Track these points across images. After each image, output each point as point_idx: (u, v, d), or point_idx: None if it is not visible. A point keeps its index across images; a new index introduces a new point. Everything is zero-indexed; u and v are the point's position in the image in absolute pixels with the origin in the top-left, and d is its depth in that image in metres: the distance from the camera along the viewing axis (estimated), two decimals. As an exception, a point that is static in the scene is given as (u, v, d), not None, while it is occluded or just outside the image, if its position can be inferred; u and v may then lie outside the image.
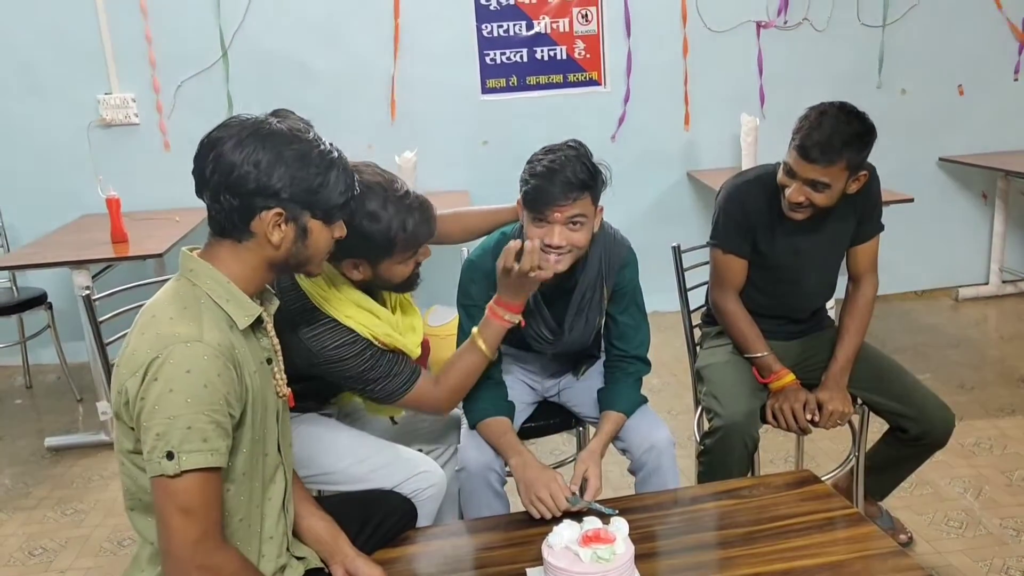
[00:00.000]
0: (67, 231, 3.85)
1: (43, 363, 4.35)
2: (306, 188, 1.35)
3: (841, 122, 2.00)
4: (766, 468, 2.41)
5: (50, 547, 2.81)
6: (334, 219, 1.43)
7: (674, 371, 3.73)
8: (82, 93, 4.15)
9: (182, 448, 1.24)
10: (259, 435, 1.41)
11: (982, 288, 4.78)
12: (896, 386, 2.25)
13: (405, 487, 1.88)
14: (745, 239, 2.24)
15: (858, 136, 2.01)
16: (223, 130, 1.34)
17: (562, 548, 1.46)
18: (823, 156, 1.99)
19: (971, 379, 3.65)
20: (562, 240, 1.81)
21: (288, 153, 1.33)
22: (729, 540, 1.63)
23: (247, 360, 1.36)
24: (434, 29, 4.27)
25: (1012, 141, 4.63)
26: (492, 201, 4.25)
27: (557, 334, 2.03)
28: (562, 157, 1.79)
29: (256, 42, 4.17)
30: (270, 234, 1.35)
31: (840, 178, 2.04)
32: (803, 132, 2.02)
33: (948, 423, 2.21)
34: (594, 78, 4.42)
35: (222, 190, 1.33)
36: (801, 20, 4.42)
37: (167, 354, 1.25)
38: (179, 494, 1.26)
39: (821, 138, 1.99)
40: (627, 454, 2.04)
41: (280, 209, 1.34)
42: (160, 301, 1.36)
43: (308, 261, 1.44)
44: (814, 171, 2.02)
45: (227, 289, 1.36)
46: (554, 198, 1.77)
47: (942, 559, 2.45)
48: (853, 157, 2.02)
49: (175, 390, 1.24)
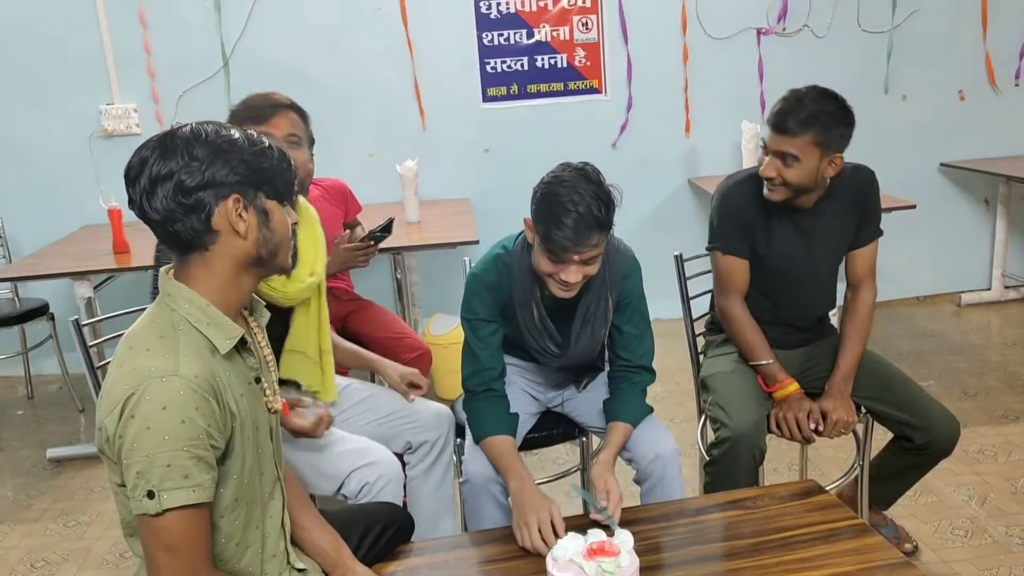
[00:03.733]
0: (69, 242, 3.85)
1: (45, 373, 4.35)
2: (252, 167, 1.31)
3: (811, 98, 2.07)
4: (770, 477, 2.40)
5: (52, 559, 2.80)
6: (286, 197, 1.37)
7: (677, 379, 3.73)
8: (84, 103, 4.15)
9: (163, 487, 1.21)
10: (254, 457, 1.38)
11: (985, 294, 4.77)
12: (901, 395, 2.24)
13: (351, 482, 1.87)
14: (744, 239, 2.25)
15: (828, 112, 2.06)
16: (139, 153, 1.29)
17: (566, 561, 1.45)
18: (790, 126, 2.05)
19: (974, 385, 3.64)
20: (578, 276, 1.80)
21: (219, 141, 1.29)
22: (734, 551, 1.62)
23: (231, 385, 1.32)
24: (435, 38, 4.27)
25: (1013, 147, 4.63)
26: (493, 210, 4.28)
27: (563, 347, 2.02)
28: (576, 197, 1.73)
29: (257, 52, 4.18)
30: (235, 224, 1.30)
31: (810, 153, 2.05)
32: (777, 105, 2.11)
33: (953, 432, 2.20)
34: (595, 86, 4.42)
35: (170, 202, 1.27)
36: (801, 27, 4.43)
37: (143, 390, 1.21)
38: (163, 532, 1.23)
39: (789, 108, 2.07)
40: (632, 464, 2.04)
41: (236, 195, 1.29)
42: (138, 330, 1.32)
43: (278, 249, 1.37)
44: (783, 142, 2.06)
45: (207, 312, 1.32)
46: (572, 244, 1.74)
47: (948, 568, 2.44)
48: (821, 131, 2.04)
49: (152, 427, 1.20)
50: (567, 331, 2.00)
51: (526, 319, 1.98)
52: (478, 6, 4.27)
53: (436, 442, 2.19)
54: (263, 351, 1.48)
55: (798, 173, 2.08)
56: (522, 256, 1.93)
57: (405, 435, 2.19)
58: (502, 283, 1.96)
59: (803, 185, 2.11)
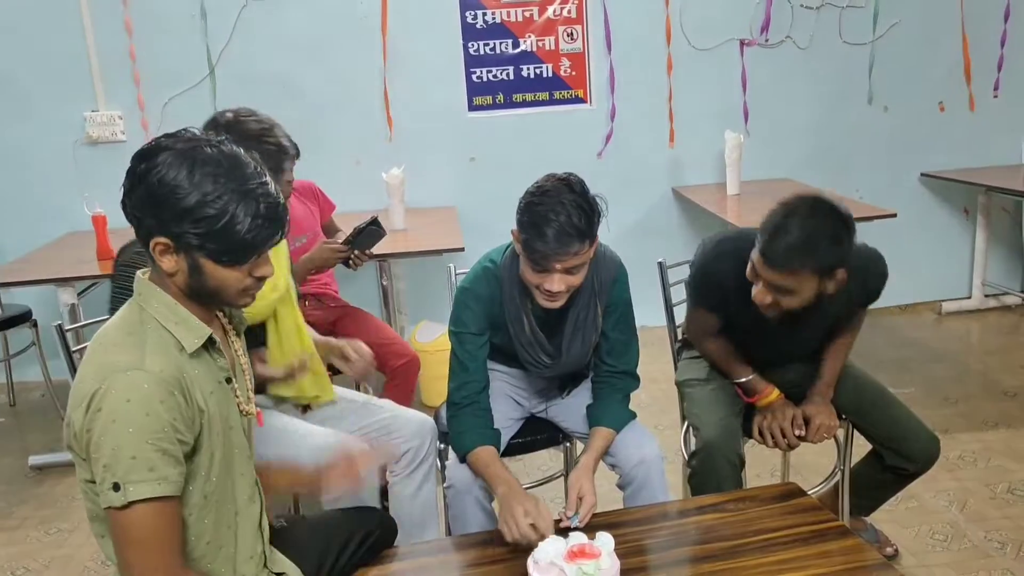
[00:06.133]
0: (53, 248, 3.83)
1: (27, 380, 4.32)
2: (193, 226, 1.26)
3: (807, 227, 1.83)
4: (752, 482, 2.42)
5: (33, 567, 2.78)
6: (228, 263, 1.30)
7: (661, 386, 3.74)
8: (68, 110, 4.14)
9: (128, 479, 1.22)
10: (223, 456, 1.38)
11: (965, 302, 4.82)
12: (882, 417, 2.24)
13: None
14: (718, 309, 2.16)
15: (822, 236, 1.84)
16: (164, 140, 1.29)
17: (547, 563, 1.46)
18: (784, 264, 1.84)
19: (955, 392, 3.68)
20: (561, 286, 1.81)
21: (186, 184, 1.24)
22: (715, 554, 1.64)
23: (200, 382, 1.33)
24: (421, 47, 4.29)
25: (993, 157, 4.69)
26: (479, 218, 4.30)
27: (555, 357, 2.03)
28: (558, 207, 1.74)
29: (243, 60, 4.18)
30: (160, 260, 1.30)
31: (807, 283, 1.87)
32: (768, 233, 1.86)
33: (933, 452, 2.22)
34: (580, 96, 4.45)
35: (128, 204, 1.29)
36: (784, 38, 4.48)
37: (108, 384, 1.23)
38: (131, 527, 1.24)
39: (782, 245, 1.84)
40: (616, 469, 2.04)
41: (165, 240, 1.28)
42: (108, 328, 1.34)
43: (216, 294, 1.34)
44: (776, 277, 1.87)
45: (175, 312, 1.33)
46: (554, 253, 1.75)
47: (928, 572, 2.46)
48: (819, 263, 1.85)
49: (117, 420, 1.22)
50: (559, 341, 2.01)
51: (517, 332, 1.99)
52: (464, 16, 4.29)
53: (419, 449, 2.20)
54: (240, 359, 1.48)
55: (796, 300, 1.90)
56: (511, 268, 1.94)
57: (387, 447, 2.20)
58: (493, 296, 1.97)
59: (803, 307, 1.94)
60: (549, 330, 2.00)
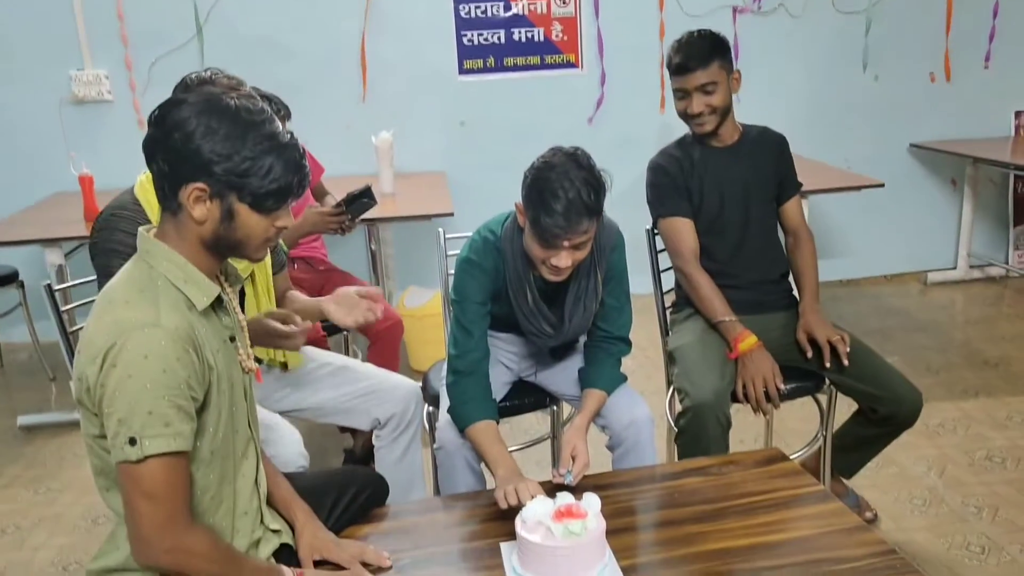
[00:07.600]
0: (39, 209, 3.81)
1: (14, 341, 4.32)
2: (234, 169, 1.30)
3: (698, 36, 2.35)
4: (736, 447, 2.45)
5: (23, 525, 2.80)
6: (265, 208, 1.35)
7: (647, 352, 3.77)
8: (54, 69, 4.09)
9: (144, 433, 1.24)
10: (228, 413, 1.41)
11: (950, 273, 4.87)
12: (866, 368, 2.29)
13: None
14: (681, 197, 2.42)
15: (717, 41, 2.35)
16: (183, 93, 1.34)
17: (535, 523, 1.49)
18: (699, 61, 2.30)
19: (937, 362, 3.73)
20: (568, 262, 1.81)
21: (224, 129, 1.29)
22: (699, 516, 1.67)
23: (208, 340, 1.36)
24: (411, 9, 4.25)
25: (982, 129, 4.71)
26: (469, 183, 4.29)
27: (558, 327, 2.03)
28: (567, 183, 1.73)
29: (231, 20, 4.13)
30: (191, 208, 1.32)
31: (722, 77, 2.33)
32: (674, 56, 2.35)
33: (916, 403, 2.27)
34: (571, 60, 4.42)
35: (158, 153, 1.31)
36: (777, 6, 4.45)
37: (124, 340, 1.24)
38: (144, 480, 1.26)
39: (691, 50, 2.32)
40: (606, 430, 2.07)
41: (203, 184, 1.30)
42: (116, 285, 1.34)
43: (240, 245, 1.38)
44: (699, 77, 2.30)
45: (185, 270, 1.35)
46: (563, 231, 1.75)
47: (906, 535, 2.51)
48: (721, 56, 2.33)
49: (134, 376, 1.24)
50: (560, 311, 2.02)
51: (520, 303, 1.99)
52: (456, -23, 4.25)
53: (404, 414, 2.22)
54: (237, 316, 1.50)
55: (721, 96, 2.34)
56: (514, 241, 1.93)
57: (373, 411, 2.22)
58: (496, 268, 1.96)
59: (726, 105, 2.37)
60: (551, 300, 2.00)
